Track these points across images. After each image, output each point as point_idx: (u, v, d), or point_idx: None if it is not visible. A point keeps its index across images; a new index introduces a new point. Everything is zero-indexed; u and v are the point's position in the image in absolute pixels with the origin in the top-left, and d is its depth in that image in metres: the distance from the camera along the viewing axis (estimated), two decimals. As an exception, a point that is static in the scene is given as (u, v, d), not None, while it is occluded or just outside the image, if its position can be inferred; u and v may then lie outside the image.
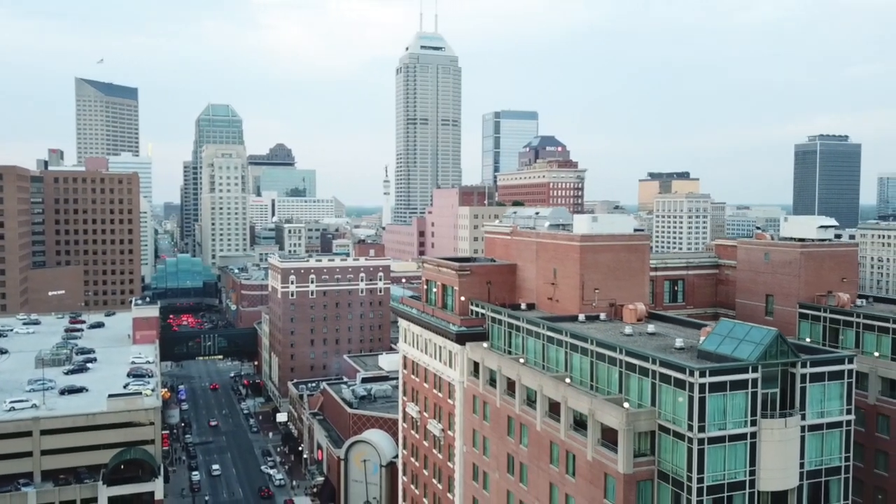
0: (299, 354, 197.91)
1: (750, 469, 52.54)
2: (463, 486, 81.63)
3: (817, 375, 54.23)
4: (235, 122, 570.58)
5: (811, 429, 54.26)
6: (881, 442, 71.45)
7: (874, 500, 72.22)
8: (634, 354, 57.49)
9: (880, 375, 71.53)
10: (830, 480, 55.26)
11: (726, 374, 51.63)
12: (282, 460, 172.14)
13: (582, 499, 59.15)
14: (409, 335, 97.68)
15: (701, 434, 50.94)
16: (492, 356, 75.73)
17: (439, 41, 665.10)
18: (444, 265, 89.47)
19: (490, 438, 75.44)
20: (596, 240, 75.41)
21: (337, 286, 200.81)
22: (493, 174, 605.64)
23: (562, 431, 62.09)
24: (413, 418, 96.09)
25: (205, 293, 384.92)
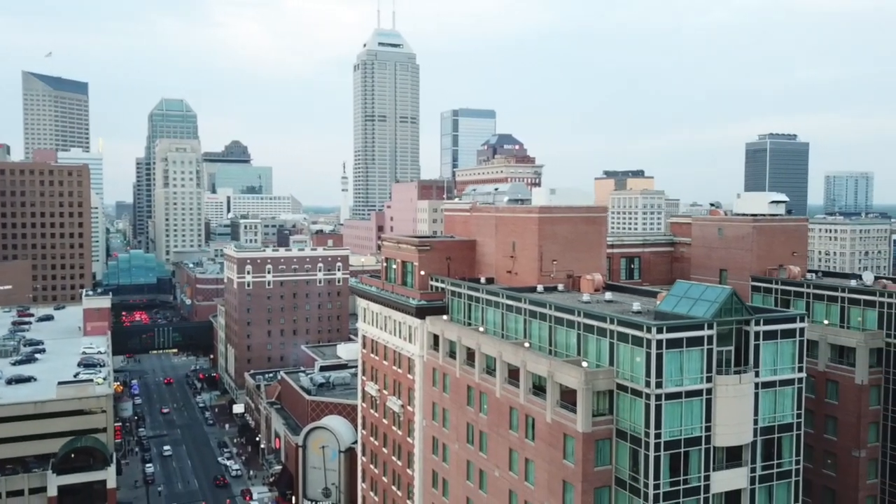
0: (256, 346, 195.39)
1: (706, 425, 53.39)
2: (422, 460, 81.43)
3: (770, 334, 55.36)
4: (190, 118, 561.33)
5: (764, 386, 55.35)
6: (830, 407, 73.38)
7: (824, 464, 74.12)
8: (592, 316, 58.03)
9: (829, 343, 73.45)
10: (783, 437, 56.45)
11: (682, 330, 52.40)
12: (238, 451, 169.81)
13: (541, 461, 59.44)
14: (368, 314, 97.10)
15: (658, 390, 51.60)
16: (451, 328, 75.73)
17: (397, 38, 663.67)
18: (403, 241, 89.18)
19: (450, 410, 75.39)
20: (554, 211, 75.91)
21: (294, 276, 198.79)
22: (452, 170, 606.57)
23: (521, 396, 62.35)
24: (372, 397, 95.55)
25: (158, 290, 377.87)
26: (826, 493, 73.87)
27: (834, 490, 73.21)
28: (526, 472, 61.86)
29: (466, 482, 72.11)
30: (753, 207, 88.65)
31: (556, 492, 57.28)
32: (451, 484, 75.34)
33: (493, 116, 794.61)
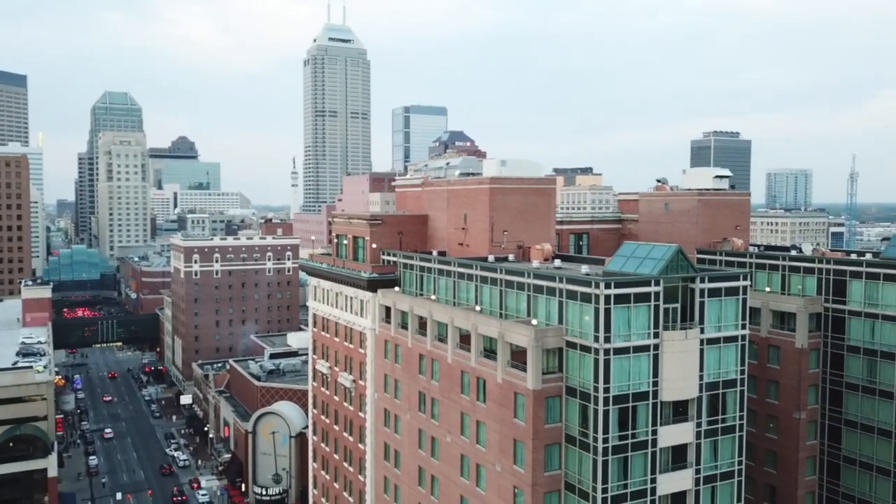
0: (204, 336, 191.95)
1: (653, 380, 54.37)
2: (374, 433, 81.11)
3: (714, 291, 56.67)
4: (135, 111, 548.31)
5: (709, 342, 56.61)
6: (772, 372, 75.44)
7: (766, 427, 76.18)
8: (541, 276, 58.64)
9: (771, 309, 75.49)
10: (727, 392, 57.84)
11: (630, 286, 53.27)
12: (186, 443, 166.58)
13: (492, 422, 59.78)
14: (318, 292, 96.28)
15: (607, 345, 52.35)
16: (403, 299, 75.60)
17: (347, 33, 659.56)
18: (354, 217, 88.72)
19: (401, 380, 75.26)
20: (505, 182, 76.40)
21: (243, 266, 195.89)
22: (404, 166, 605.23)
23: (472, 359, 62.61)
24: (323, 375, 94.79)
25: (102, 286, 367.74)
26: (768, 455, 75.94)
27: (776, 452, 75.31)
28: (477, 434, 62.14)
29: (418, 451, 72.09)
30: (698, 182, 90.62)
31: (508, 451, 57.68)
32: (403, 454, 75.23)
33: (444, 114, 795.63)
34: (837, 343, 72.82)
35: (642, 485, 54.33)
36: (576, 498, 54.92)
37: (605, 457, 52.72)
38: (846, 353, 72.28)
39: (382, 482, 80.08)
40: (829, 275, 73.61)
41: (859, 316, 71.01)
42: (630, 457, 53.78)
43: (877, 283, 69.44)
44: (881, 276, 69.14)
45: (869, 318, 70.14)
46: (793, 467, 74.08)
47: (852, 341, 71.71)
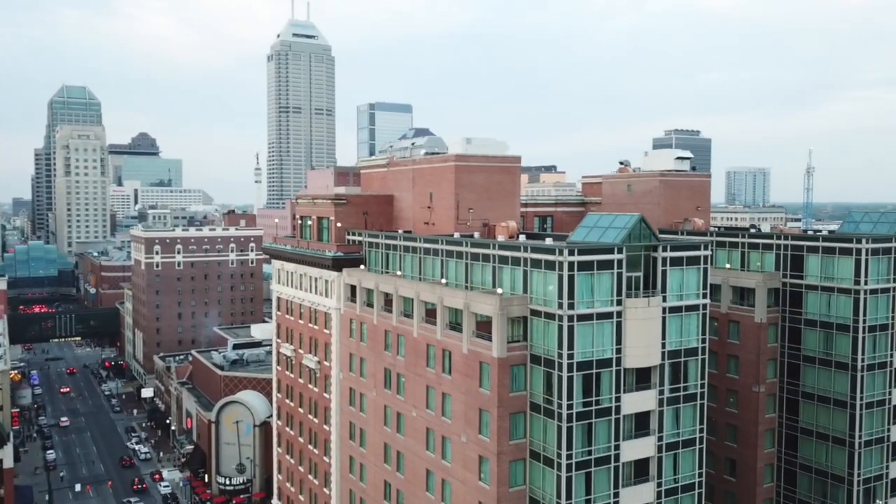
0: (166, 329, 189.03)
1: (616, 347, 54.94)
2: (339, 413, 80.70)
3: (676, 260, 57.45)
4: (93, 105, 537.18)
5: (671, 311, 57.38)
6: (732, 347, 76.75)
7: (727, 402, 77.49)
8: (506, 247, 58.95)
9: (731, 285, 76.78)
10: (689, 361, 58.70)
11: (593, 253, 53.76)
12: (147, 436, 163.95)
13: (458, 393, 59.90)
14: (282, 275, 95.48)
15: (570, 311, 52.76)
16: (369, 276, 75.36)
17: (311, 29, 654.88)
18: (319, 197, 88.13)
19: (367, 358, 75.00)
20: (470, 160, 76.57)
21: (205, 257, 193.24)
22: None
23: (438, 332, 62.66)
24: (288, 358, 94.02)
25: (60, 282, 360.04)
26: (729, 429, 77.24)
27: (736, 426, 76.63)
28: (443, 407, 62.21)
29: (384, 428, 71.92)
30: (660, 164, 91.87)
31: (473, 421, 57.84)
32: (369, 432, 74.98)
33: (410, 111, 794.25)
34: (795, 317, 74.38)
35: (606, 451, 54.89)
36: (541, 465, 55.28)
37: (569, 423, 53.13)
38: (803, 326, 73.84)
39: (348, 462, 79.73)
40: (787, 250, 75.15)
41: (816, 290, 72.60)
42: (594, 423, 54.29)
43: (832, 257, 71.08)
44: (837, 251, 70.79)
45: (825, 291, 71.76)
46: (752, 440, 75.44)
47: (809, 315, 73.30)
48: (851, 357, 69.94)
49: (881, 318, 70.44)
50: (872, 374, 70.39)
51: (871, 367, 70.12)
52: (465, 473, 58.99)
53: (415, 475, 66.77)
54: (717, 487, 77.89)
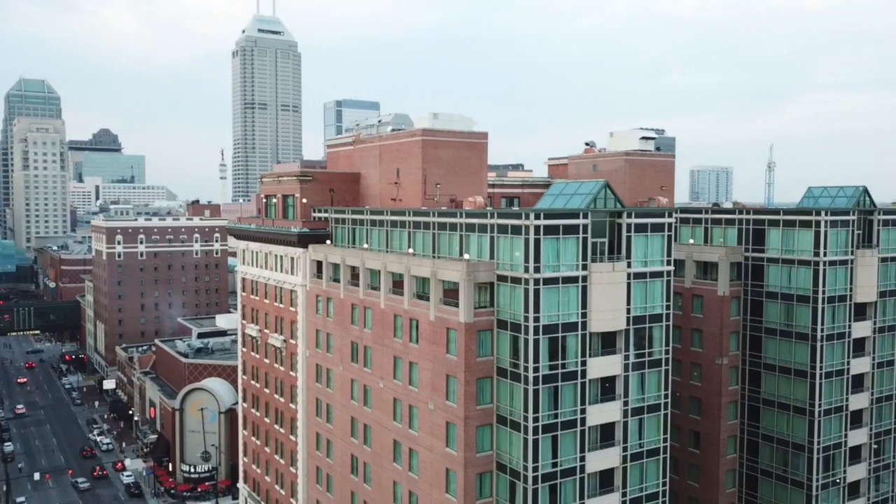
0: (128, 320, 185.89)
1: (582, 311, 55.30)
2: (306, 391, 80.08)
3: (641, 227, 58.01)
4: (53, 100, 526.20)
5: (636, 277, 57.89)
6: (696, 321, 77.83)
7: (691, 376, 78.55)
8: (473, 214, 59.03)
9: (695, 260, 77.85)
10: (653, 327, 59.27)
11: (559, 218, 54.07)
12: (110, 427, 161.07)
13: (425, 361, 59.80)
14: (247, 255, 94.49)
15: (536, 275, 52.98)
16: (335, 251, 74.90)
17: (277, 25, 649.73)
18: (284, 174, 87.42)
19: (333, 333, 74.53)
20: (437, 135, 76.49)
21: (169, 247, 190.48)
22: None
23: (405, 302, 62.49)
24: (253, 338, 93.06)
25: (18, 278, 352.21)
26: (693, 402, 78.31)
27: (700, 398, 77.72)
28: (410, 376, 62.06)
29: (351, 402, 71.54)
30: (625, 144, 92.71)
31: (440, 388, 57.80)
32: (335, 408, 74.53)
33: (377, 108, 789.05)
34: (757, 290, 75.66)
35: (572, 415, 55.22)
36: (507, 430, 55.44)
37: (535, 386, 53.35)
38: (765, 299, 75.16)
39: (314, 439, 79.15)
40: (749, 225, 76.45)
41: (777, 263, 73.94)
42: (560, 387, 54.57)
43: (793, 230, 72.45)
44: (797, 224, 72.18)
45: (786, 264, 73.11)
46: (716, 412, 76.59)
47: (770, 287, 74.62)
48: (811, 328, 71.36)
49: (840, 290, 71.99)
50: (832, 344, 71.89)
51: (829, 337, 71.62)
52: (433, 441, 58.92)
53: (382, 447, 66.52)
54: (682, 460, 78.96)
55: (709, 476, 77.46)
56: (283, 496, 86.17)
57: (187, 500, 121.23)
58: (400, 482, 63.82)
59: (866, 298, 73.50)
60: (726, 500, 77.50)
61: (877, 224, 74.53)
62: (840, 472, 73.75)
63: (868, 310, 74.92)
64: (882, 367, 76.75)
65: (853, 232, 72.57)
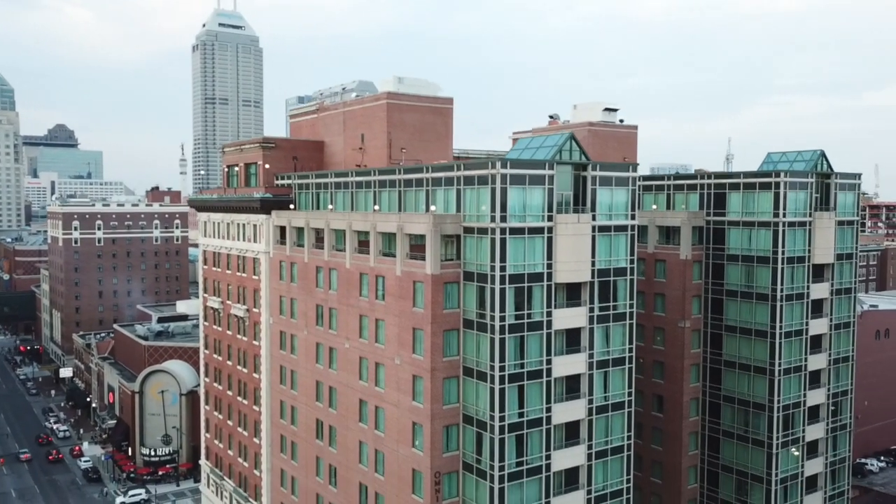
0: (86, 308, 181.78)
1: (548, 262, 55.43)
2: (270, 359, 79.08)
3: (605, 180, 58.38)
4: (6, 92, 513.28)
5: (601, 230, 58.21)
6: (659, 285, 78.68)
7: (654, 340, 79.39)
8: (440, 168, 58.82)
9: (658, 225, 78.73)
10: (618, 280, 59.65)
11: (525, 167, 54.13)
12: (66, 416, 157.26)
13: (391, 317, 59.40)
14: (209, 227, 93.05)
15: (503, 224, 52.96)
16: (299, 215, 74.06)
17: (238, 19, 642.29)
18: (246, 143, 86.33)
19: (297, 298, 73.70)
20: (402, 98, 76.16)
21: (128, 234, 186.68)
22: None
23: (371, 259, 62.01)
24: (215, 311, 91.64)
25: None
26: (656, 367, 79.15)
27: (663, 362, 78.58)
28: (376, 333, 61.58)
29: (316, 366, 70.80)
30: (589, 116, 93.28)
31: (406, 342, 57.45)
32: (300, 373, 73.71)
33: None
34: (718, 253, 76.75)
35: (538, 365, 55.34)
36: (474, 381, 55.34)
37: (501, 335, 53.32)
38: (726, 262, 76.27)
39: (279, 408, 78.19)
40: (711, 189, 77.53)
41: (738, 226, 75.11)
42: (526, 337, 54.63)
43: (753, 192, 73.66)
44: (757, 186, 73.39)
45: (746, 226, 74.30)
46: (678, 375, 77.51)
47: (732, 250, 75.76)
48: (771, 288, 72.60)
49: (798, 251, 73.37)
50: (791, 304, 73.23)
51: (789, 297, 72.94)
52: (399, 396, 58.54)
53: (347, 408, 65.93)
54: (645, 424, 79.74)
55: (672, 439, 78.37)
56: (247, 468, 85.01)
57: (147, 483, 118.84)
58: (366, 441, 63.32)
59: (824, 260, 75.01)
60: (689, 462, 78.54)
61: (834, 188, 76.14)
62: (799, 430, 75.18)
63: (826, 272, 76.51)
64: (839, 329, 78.46)
65: (811, 195, 74.03)
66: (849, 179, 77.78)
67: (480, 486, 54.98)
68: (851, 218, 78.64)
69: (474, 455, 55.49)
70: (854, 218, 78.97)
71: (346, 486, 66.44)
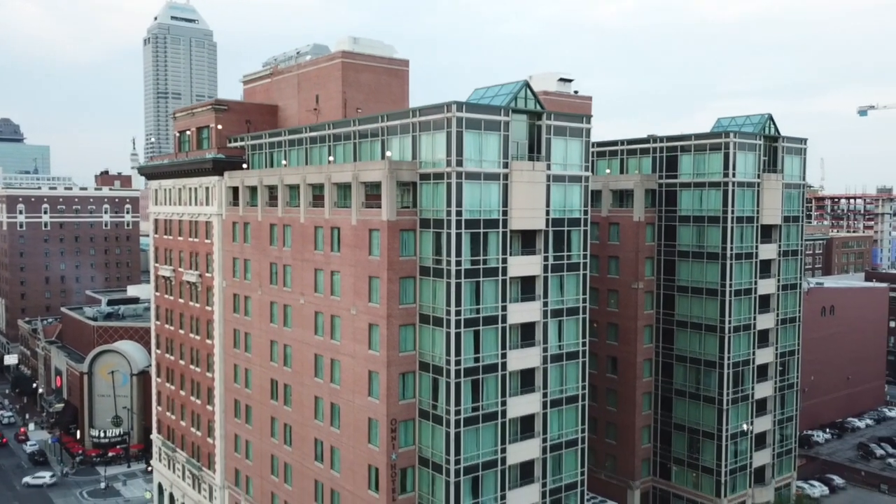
0: (32, 294, 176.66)
1: (503, 209, 55.62)
2: (223, 323, 77.84)
3: (560, 129, 58.84)
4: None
5: (555, 179, 58.63)
6: (613, 248, 79.63)
7: (608, 302, 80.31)
8: (395, 115, 58.61)
9: (611, 189, 79.69)
10: (572, 230, 60.15)
11: (481, 112, 54.19)
12: (12, 403, 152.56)
13: (347, 267, 58.93)
14: (160, 194, 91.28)
15: (459, 168, 52.96)
16: (252, 173, 73.03)
17: (192, 13, 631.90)
18: (198, 106, 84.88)
19: (251, 258, 72.68)
20: (357, 58, 75.72)
21: (76, 218, 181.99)
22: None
23: (326, 211, 61.46)
24: (167, 279, 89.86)
25: None
26: (610, 329, 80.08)
27: (617, 324, 79.55)
28: (332, 286, 61.05)
29: (270, 325, 69.90)
30: (544, 86, 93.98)
31: (363, 292, 57.04)
32: (254, 335, 72.70)
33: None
34: (671, 215, 78.02)
35: (494, 311, 55.46)
36: (430, 327, 55.20)
37: (458, 280, 53.29)
38: (678, 223, 77.57)
39: (232, 372, 77.00)
40: (663, 153, 78.77)
41: (689, 187, 76.45)
42: (482, 282, 54.72)
43: (704, 154, 75.06)
44: (707, 148, 74.80)
45: (697, 187, 75.68)
46: (632, 336, 78.54)
47: (683, 211, 77.09)
48: (721, 247, 74.05)
49: (747, 211, 74.99)
50: (740, 263, 74.80)
51: (738, 256, 74.49)
52: (355, 346, 58.09)
53: (303, 365, 65.23)
54: (600, 386, 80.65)
55: (626, 399, 79.38)
56: (200, 437, 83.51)
57: (97, 464, 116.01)
58: (321, 396, 62.73)
59: (772, 221, 76.79)
60: (642, 422, 79.65)
61: (781, 151, 78.02)
62: (749, 388, 76.80)
63: (773, 233, 78.33)
64: (787, 290, 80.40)
65: (759, 157, 75.74)
66: (795, 143, 79.79)
67: (437, 431, 54.89)
68: (798, 182, 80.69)
69: (430, 401, 55.38)
70: (801, 182, 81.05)
71: (302, 443, 65.73)
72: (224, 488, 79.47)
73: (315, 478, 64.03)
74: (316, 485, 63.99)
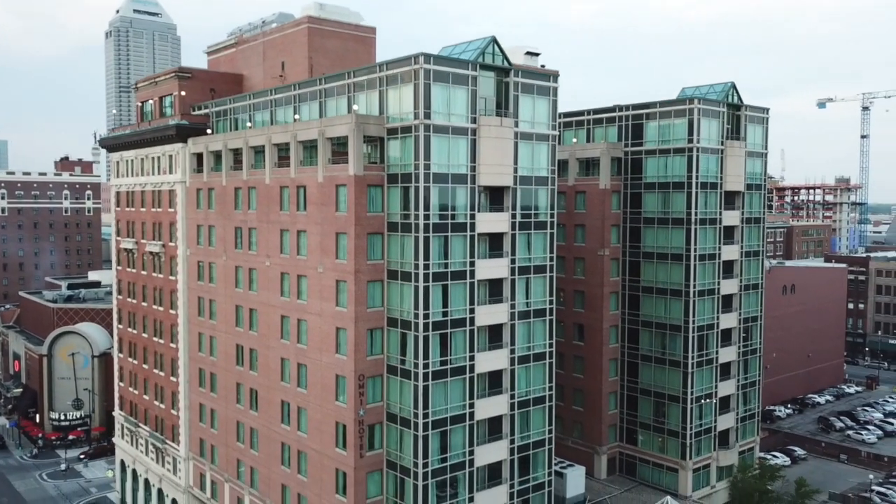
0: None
1: (471, 165, 55.58)
2: (186, 292, 76.66)
3: (527, 87, 59.00)
4: None
5: (523, 137, 58.77)
6: (580, 216, 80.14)
7: (575, 270, 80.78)
8: (363, 70, 58.24)
9: (577, 158, 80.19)
10: (539, 189, 60.35)
11: (449, 64, 54.05)
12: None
13: (314, 226, 58.39)
14: (121, 166, 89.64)
15: (427, 121, 52.76)
16: (216, 138, 72.00)
17: (154, 6, 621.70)
18: (161, 75, 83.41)
19: (216, 224, 71.68)
20: (324, 24, 74.96)
21: (35, 204, 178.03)
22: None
23: (292, 170, 60.83)
24: (129, 251, 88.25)
25: None
26: (577, 296, 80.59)
27: (583, 291, 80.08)
28: (298, 246, 60.45)
29: (235, 290, 69.02)
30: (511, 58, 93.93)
31: (329, 249, 56.56)
32: (219, 301, 71.73)
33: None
34: (636, 182, 78.74)
35: (462, 267, 55.38)
36: (398, 283, 54.95)
37: (426, 234, 53.10)
38: (643, 191, 78.33)
39: (196, 341, 75.88)
40: (629, 121, 79.45)
41: (654, 154, 77.22)
42: (450, 238, 54.59)
43: (669, 121, 75.87)
44: (672, 114, 75.62)
45: (662, 154, 76.48)
46: (598, 303, 79.13)
47: (649, 178, 77.87)
48: (686, 212, 74.93)
49: (711, 177, 75.98)
50: (704, 228, 75.77)
51: (703, 221, 75.46)
52: (322, 304, 57.57)
53: (269, 327, 64.50)
54: (567, 353, 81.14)
55: (592, 366, 79.96)
56: (164, 410, 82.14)
57: (57, 448, 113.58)
58: (288, 357, 62.09)
59: (735, 187, 77.92)
60: (609, 388, 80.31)
61: (744, 119, 79.19)
62: (713, 352, 77.83)
63: (736, 200, 79.49)
64: (749, 257, 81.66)
65: (723, 124, 76.79)
66: (758, 113, 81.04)
67: (405, 386, 54.67)
68: (760, 150, 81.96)
69: (398, 356, 55.13)
70: (763, 151, 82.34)
71: (268, 406, 65.01)
72: (188, 460, 78.30)
73: (282, 440, 63.37)
74: (283, 447, 63.34)
